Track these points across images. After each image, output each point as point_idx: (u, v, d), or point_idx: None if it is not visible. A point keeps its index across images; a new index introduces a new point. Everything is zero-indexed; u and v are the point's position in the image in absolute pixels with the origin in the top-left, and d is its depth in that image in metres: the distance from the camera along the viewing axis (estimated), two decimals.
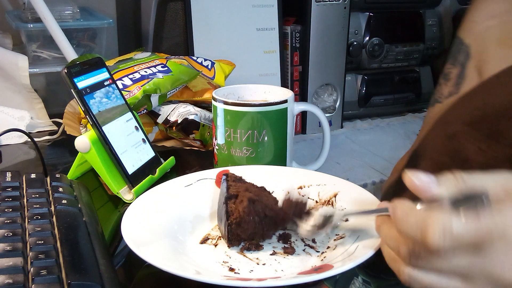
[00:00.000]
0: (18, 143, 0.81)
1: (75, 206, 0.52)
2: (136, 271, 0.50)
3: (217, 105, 0.65)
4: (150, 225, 0.51)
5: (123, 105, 0.67)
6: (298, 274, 0.46)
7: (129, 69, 0.79)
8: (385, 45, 1.08)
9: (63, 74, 0.60)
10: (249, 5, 0.97)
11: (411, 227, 0.36)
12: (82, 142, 0.61)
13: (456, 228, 0.34)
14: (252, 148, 0.65)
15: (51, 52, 0.94)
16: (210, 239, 0.53)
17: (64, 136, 0.82)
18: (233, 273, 0.46)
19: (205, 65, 0.88)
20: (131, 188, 0.62)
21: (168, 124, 0.79)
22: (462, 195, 0.36)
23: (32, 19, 0.91)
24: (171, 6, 0.93)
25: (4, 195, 0.51)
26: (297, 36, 1.00)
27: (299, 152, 0.89)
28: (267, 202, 0.51)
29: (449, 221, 0.34)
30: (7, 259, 0.40)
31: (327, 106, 1.04)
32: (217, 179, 0.61)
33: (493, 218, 0.34)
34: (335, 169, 0.85)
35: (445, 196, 0.37)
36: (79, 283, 0.38)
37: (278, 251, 0.50)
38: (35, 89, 0.91)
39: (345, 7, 0.99)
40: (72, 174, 0.65)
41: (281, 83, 1.00)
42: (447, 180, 0.38)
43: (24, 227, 0.46)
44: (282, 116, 0.65)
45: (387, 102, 1.13)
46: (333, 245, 0.50)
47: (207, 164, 0.72)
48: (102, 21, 0.97)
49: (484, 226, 0.34)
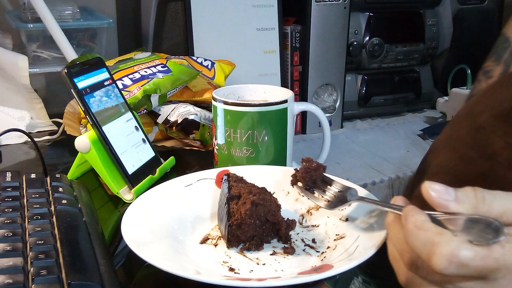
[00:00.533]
0: (18, 143, 0.81)
1: (75, 206, 0.52)
2: (136, 271, 0.50)
3: (217, 105, 0.65)
4: (150, 225, 0.51)
5: (123, 105, 0.67)
6: (298, 274, 0.46)
7: (129, 69, 0.79)
8: (385, 45, 1.08)
9: (63, 74, 0.60)
10: (249, 5, 0.97)
11: (419, 244, 0.35)
12: (82, 142, 0.61)
13: (465, 257, 0.33)
14: (252, 148, 0.65)
15: (51, 52, 0.94)
16: (210, 239, 0.53)
17: (64, 136, 0.82)
18: (233, 273, 0.46)
19: (205, 65, 0.88)
20: (131, 188, 0.62)
21: (168, 124, 0.79)
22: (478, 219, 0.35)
23: (32, 19, 0.91)
24: (171, 6, 0.94)
25: (4, 195, 0.51)
26: (297, 36, 1.00)
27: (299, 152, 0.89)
28: (270, 207, 0.51)
29: (458, 248, 0.33)
30: (7, 259, 0.40)
31: (327, 106, 1.04)
32: (217, 179, 0.61)
33: (504, 251, 0.33)
34: (335, 169, 0.85)
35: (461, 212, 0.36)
36: (79, 283, 0.38)
37: (278, 251, 0.50)
38: (35, 89, 0.91)
39: (345, 7, 0.99)
40: (72, 174, 0.65)
41: (281, 83, 1.01)
42: (466, 197, 0.37)
43: (24, 227, 0.45)
44: (282, 116, 0.65)
45: (387, 102, 1.13)
46: (333, 245, 0.50)
47: (207, 164, 0.72)
48: (102, 21, 0.97)
49: (494, 259, 0.33)
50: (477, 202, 0.36)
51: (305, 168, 0.53)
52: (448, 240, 0.34)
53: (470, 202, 0.36)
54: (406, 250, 0.38)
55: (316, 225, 0.55)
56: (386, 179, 0.84)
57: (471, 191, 0.37)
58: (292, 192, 0.59)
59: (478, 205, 0.36)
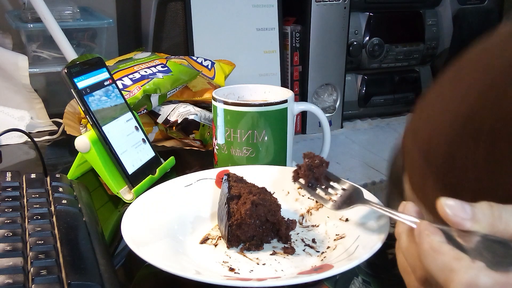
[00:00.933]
0: (18, 143, 0.81)
1: (75, 206, 0.52)
2: (136, 271, 0.50)
3: (217, 105, 0.65)
4: (150, 225, 0.51)
5: (123, 105, 0.67)
6: (298, 274, 0.46)
7: (129, 69, 0.79)
8: (385, 45, 1.08)
9: (63, 74, 0.60)
10: (249, 5, 0.97)
11: (435, 267, 0.34)
12: (82, 142, 0.61)
13: (484, 285, 0.32)
14: (252, 148, 0.65)
15: (51, 52, 0.94)
16: (210, 239, 0.53)
17: (64, 136, 0.82)
18: (233, 273, 0.46)
19: (205, 65, 0.88)
20: (131, 188, 0.62)
21: (168, 124, 0.79)
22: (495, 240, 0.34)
23: (32, 19, 0.91)
24: (171, 6, 0.94)
25: (4, 195, 0.51)
26: (297, 36, 1.00)
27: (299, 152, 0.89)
28: (270, 207, 0.51)
29: (477, 276, 0.32)
30: (7, 259, 0.40)
31: (327, 106, 1.04)
32: (217, 179, 0.61)
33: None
34: (335, 169, 0.85)
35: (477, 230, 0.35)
36: (79, 283, 0.38)
37: (278, 251, 0.50)
38: (35, 89, 0.91)
39: (345, 7, 0.99)
40: (72, 174, 0.65)
41: (281, 83, 1.01)
42: (483, 216, 0.35)
43: (24, 227, 0.45)
44: (282, 116, 0.65)
45: (387, 102, 1.13)
46: (333, 245, 0.50)
47: (207, 164, 0.72)
48: (102, 21, 0.97)
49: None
50: (494, 220, 0.35)
51: (308, 165, 0.52)
52: (467, 267, 0.33)
53: (487, 221, 0.35)
54: (419, 267, 0.37)
55: (316, 225, 0.55)
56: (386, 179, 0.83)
57: (487, 208, 0.36)
58: (292, 192, 0.59)
59: (495, 223, 0.35)
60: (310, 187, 0.52)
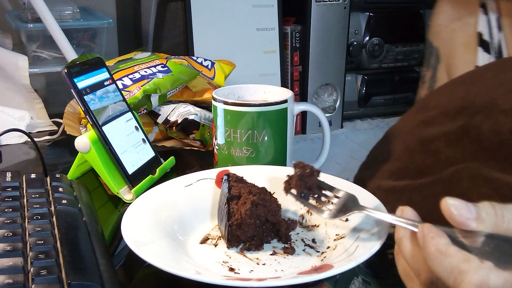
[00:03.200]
0: (18, 143, 0.81)
1: (75, 206, 0.52)
2: (136, 271, 0.50)
3: (217, 105, 0.65)
4: (150, 225, 0.51)
5: (123, 105, 0.67)
6: (298, 274, 0.46)
7: (129, 69, 0.79)
8: (385, 45, 1.08)
9: (63, 74, 0.60)
10: (249, 5, 0.97)
11: (444, 270, 0.34)
12: (82, 142, 0.61)
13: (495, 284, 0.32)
14: (252, 148, 0.65)
15: (51, 52, 0.95)
16: (210, 239, 0.53)
17: (64, 136, 0.82)
18: (233, 273, 0.46)
19: (205, 65, 0.88)
20: (131, 188, 0.62)
21: (168, 124, 0.79)
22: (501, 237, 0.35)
23: (32, 19, 0.91)
24: (171, 6, 0.94)
25: (4, 195, 0.51)
26: (297, 36, 1.00)
27: (299, 152, 0.89)
28: (270, 207, 0.51)
29: (487, 276, 0.32)
30: (7, 259, 0.40)
31: (327, 106, 1.04)
32: (217, 179, 0.61)
33: None
34: (335, 169, 0.85)
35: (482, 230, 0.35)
36: (79, 283, 0.38)
37: (278, 251, 0.50)
38: (35, 89, 0.91)
39: (345, 7, 0.99)
40: (72, 174, 0.65)
41: (281, 83, 1.01)
42: (487, 215, 0.35)
43: (24, 227, 0.45)
44: (282, 116, 0.65)
45: (387, 102, 1.13)
46: (333, 245, 0.50)
47: (207, 164, 0.72)
48: (102, 21, 0.97)
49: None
50: (497, 220, 0.35)
51: (299, 175, 0.50)
52: (476, 268, 0.33)
53: (491, 220, 0.35)
54: (424, 270, 0.36)
55: (316, 225, 0.55)
56: None
57: (490, 208, 0.36)
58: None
59: (498, 222, 0.35)
60: (303, 197, 0.50)
